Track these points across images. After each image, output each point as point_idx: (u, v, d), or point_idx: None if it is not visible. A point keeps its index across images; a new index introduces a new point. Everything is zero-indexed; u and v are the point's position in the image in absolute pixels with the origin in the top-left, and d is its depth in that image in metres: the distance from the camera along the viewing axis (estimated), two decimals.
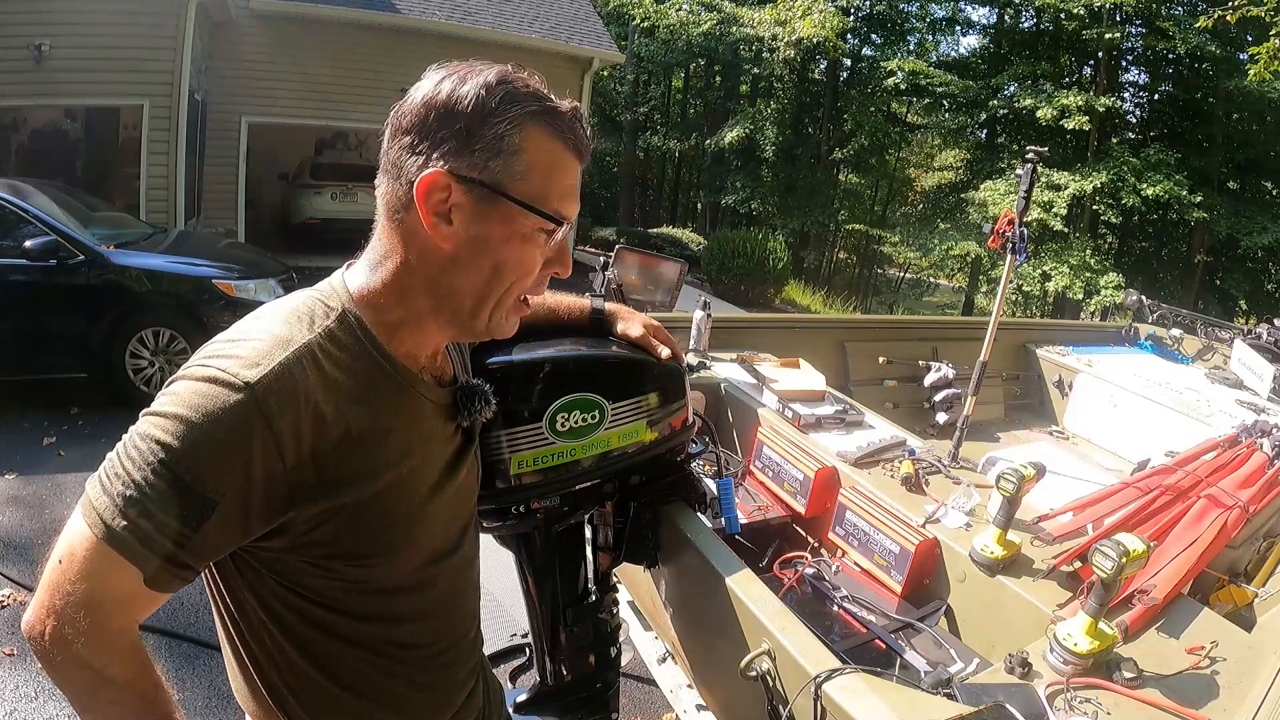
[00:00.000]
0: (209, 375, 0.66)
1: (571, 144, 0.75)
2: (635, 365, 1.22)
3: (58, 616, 0.65)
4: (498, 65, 0.74)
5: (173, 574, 0.67)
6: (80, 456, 3.84)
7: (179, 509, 0.64)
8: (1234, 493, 1.83)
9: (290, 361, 0.68)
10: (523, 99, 0.72)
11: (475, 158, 0.70)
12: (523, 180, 0.72)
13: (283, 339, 0.70)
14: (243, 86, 8.77)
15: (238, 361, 0.67)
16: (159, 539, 0.64)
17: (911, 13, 17.08)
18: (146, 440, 0.65)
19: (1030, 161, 2.10)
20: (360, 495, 0.73)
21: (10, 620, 2.59)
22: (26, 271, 4.10)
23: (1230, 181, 14.30)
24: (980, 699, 1.08)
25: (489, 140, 0.70)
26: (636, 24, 16.63)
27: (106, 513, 0.65)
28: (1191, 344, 4.14)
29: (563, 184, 0.75)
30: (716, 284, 11.19)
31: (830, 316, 7.40)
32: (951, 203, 16.49)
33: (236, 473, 0.65)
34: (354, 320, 0.74)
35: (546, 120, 0.73)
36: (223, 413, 0.64)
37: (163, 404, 0.67)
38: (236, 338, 0.71)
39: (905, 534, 1.66)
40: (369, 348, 0.74)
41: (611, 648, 1.40)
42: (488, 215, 0.72)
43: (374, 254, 0.77)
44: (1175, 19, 12.80)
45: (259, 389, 0.65)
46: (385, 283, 0.75)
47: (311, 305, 0.75)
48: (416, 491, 0.80)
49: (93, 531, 0.65)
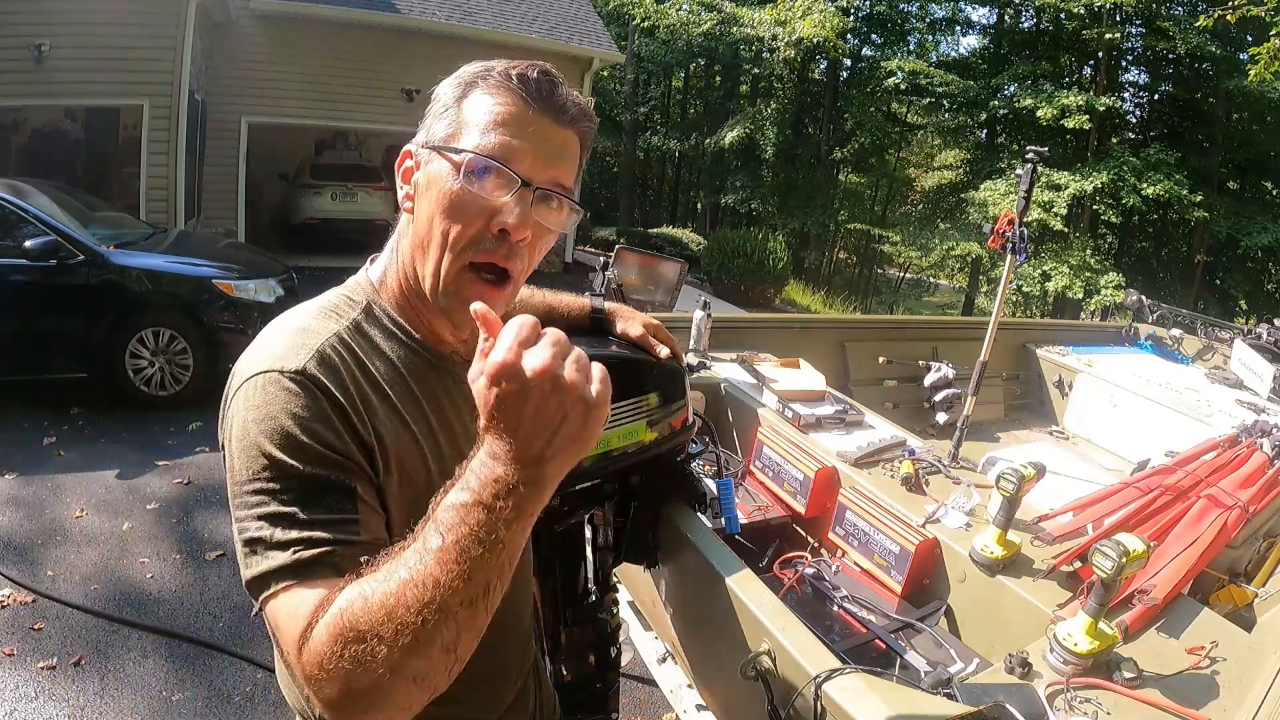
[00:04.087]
0: (262, 380, 0.68)
1: (514, 94, 0.73)
2: (635, 365, 1.21)
3: (311, 680, 0.57)
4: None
5: (374, 556, 0.61)
6: (80, 456, 3.84)
7: (326, 501, 0.64)
8: (1234, 493, 1.83)
9: (325, 347, 0.71)
10: (469, 70, 0.77)
11: (425, 124, 0.78)
12: (453, 130, 0.74)
13: (313, 331, 0.73)
14: (243, 86, 8.76)
15: (276, 357, 0.69)
16: (336, 534, 0.63)
17: (911, 13, 17.09)
18: (252, 469, 0.64)
19: (1030, 161, 2.10)
20: (416, 473, 0.74)
21: (10, 620, 2.59)
22: (26, 271, 4.10)
23: (1230, 181, 14.30)
24: (980, 699, 1.07)
25: (437, 113, 0.77)
26: (636, 24, 16.62)
27: (273, 554, 0.62)
28: (1191, 344, 4.14)
29: (490, 123, 0.73)
30: (716, 284, 11.19)
31: (830, 316, 7.39)
32: (951, 203, 16.49)
33: (339, 442, 0.67)
34: (379, 310, 0.79)
35: (481, 79, 0.75)
36: (293, 400, 0.66)
37: (240, 430, 0.66)
38: (269, 340, 0.73)
39: (905, 534, 1.66)
40: (395, 331, 0.78)
41: (611, 648, 1.40)
42: (426, 168, 0.76)
43: (388, 246, 0.83)
44: (1175, 19, 12.81)
45: (307, 371, 0.68)
46: (394, 269, 0.80)
47: (337, 302, 0.79)
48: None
49: (277, 583, 0.61)
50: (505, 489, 0.55)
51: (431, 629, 0.54)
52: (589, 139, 0.80)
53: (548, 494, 0.58)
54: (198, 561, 3.08)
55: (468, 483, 0.57)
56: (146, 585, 2.88)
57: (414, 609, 0.54)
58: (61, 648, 2.49)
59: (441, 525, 0.56)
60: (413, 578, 0.55)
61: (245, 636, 2.64)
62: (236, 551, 0.65)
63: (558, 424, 0.55)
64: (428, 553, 0.55)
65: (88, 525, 3.24)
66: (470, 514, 0.55)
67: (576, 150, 0.78)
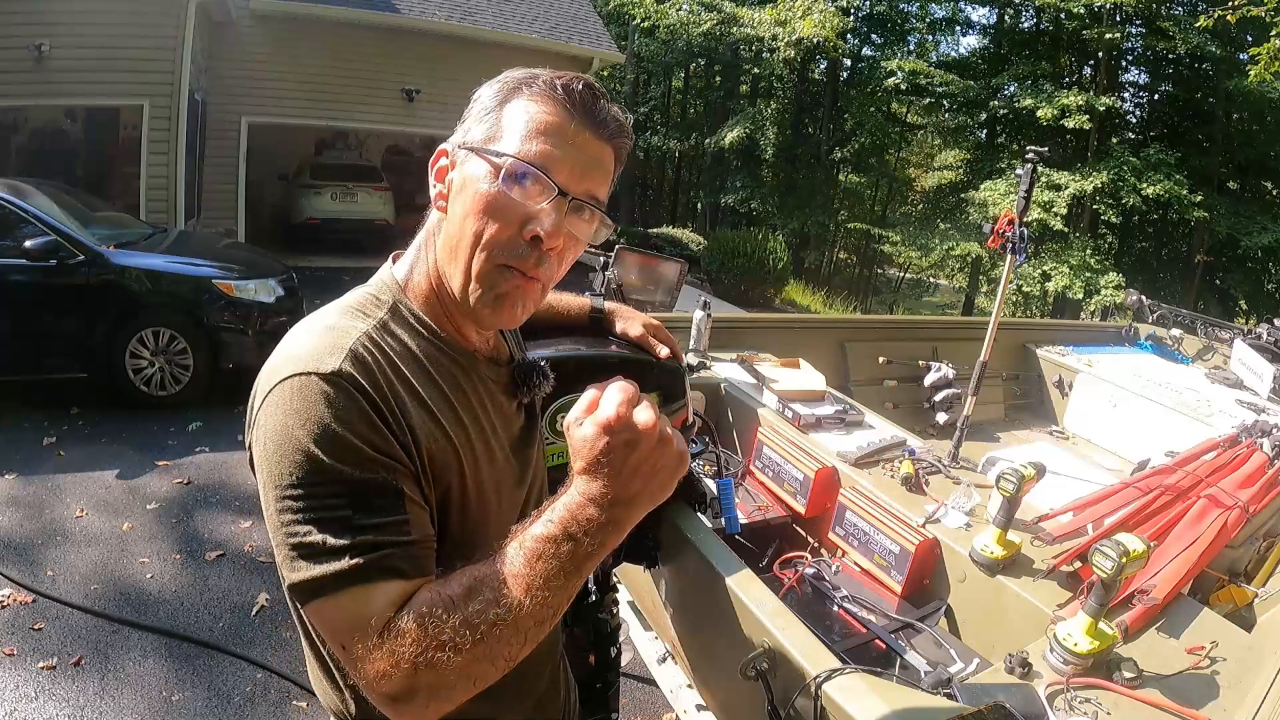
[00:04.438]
0: (299, 383, 0.67)
1: (558, 104, 0.74)
2: (635, 364, 1.22)
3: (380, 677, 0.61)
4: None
5: (423, 554, 0.67)
6: (80, 456, 3.84)
7: (377, 504, 0.65)
8: (1234, 493, 1.83)
9: (357, 346, 0.71)
10: (513, 77, 0.76)
11: (464, 126, 0.78)
12: (493, 133, 0.75)
13: (343, 330, 0.72)
14: (243, 86, 8.77)
15: (310, 359, 0.68)
16: (387, 537, 0.64)
17: (911, 13, 17.09)
18: (297, 474, 0.64)
19: (1030, 161, 2.10)
20: (447, 468, 0.74)
21: (10, 620, 2.59)
22: (26, 271, 4.09)
23: (1230, 181, 14.31)
24: (980, 699, 1.07)
25: (473, 111, 0.77)
26: (636, 24, 16.63)
27: (329, 561, 0.62)
28: (1191, 344, 4.14)
29: (532, 130, 0.73)
30: (716, 284, 11.19)
31: (830, 316, 7.40)
32: (951, 203, 16.49)
33: (383, 442, 0.66)
34: (405, 310, 0.78)
35: (525, 86, 0.75)
36: (333, 403, 0.66)
37: (280, 434, 0.65)
38: (299, 341, 0.72)
39: (905, 534, 1.65)
40: (422, 331, 0.78)
41: (611, 648, 1.40)
42: (463, 168, 0.76)
43: (414, 245, 0.82)
44: (1175, 19, 12.81)
45: (344, 373, 0.67)
46: (421, 269, 0.80)
47: (363, 301, 0.78)
48: (499, 469, 0.81)
49: (334, 590, 0.62)
50: (595, 527, 0.62)
51: (504, 644, 0.61)
52: (624, 155, 0.80)
53: (626, 532, 0.65)
54: (198, 561, 3.08)
55: (560, 518, 0.63)
56: (146, 585, 2.88)
57: (494, 624, 0.61)
58: (61, 648, 2.49)
59: (529, 554, 0.62)
60: (496, 598, 0.61)
61: (245, 636, 2.64)
62: (277, 554, 0.65)
63: (654, 473, 0.63)
64: (513, 577, 0.62)
65: (88, 525, 3.24)
66: (559, 547, 0.62)
67: (611, 164, 0.78)
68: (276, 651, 2.57)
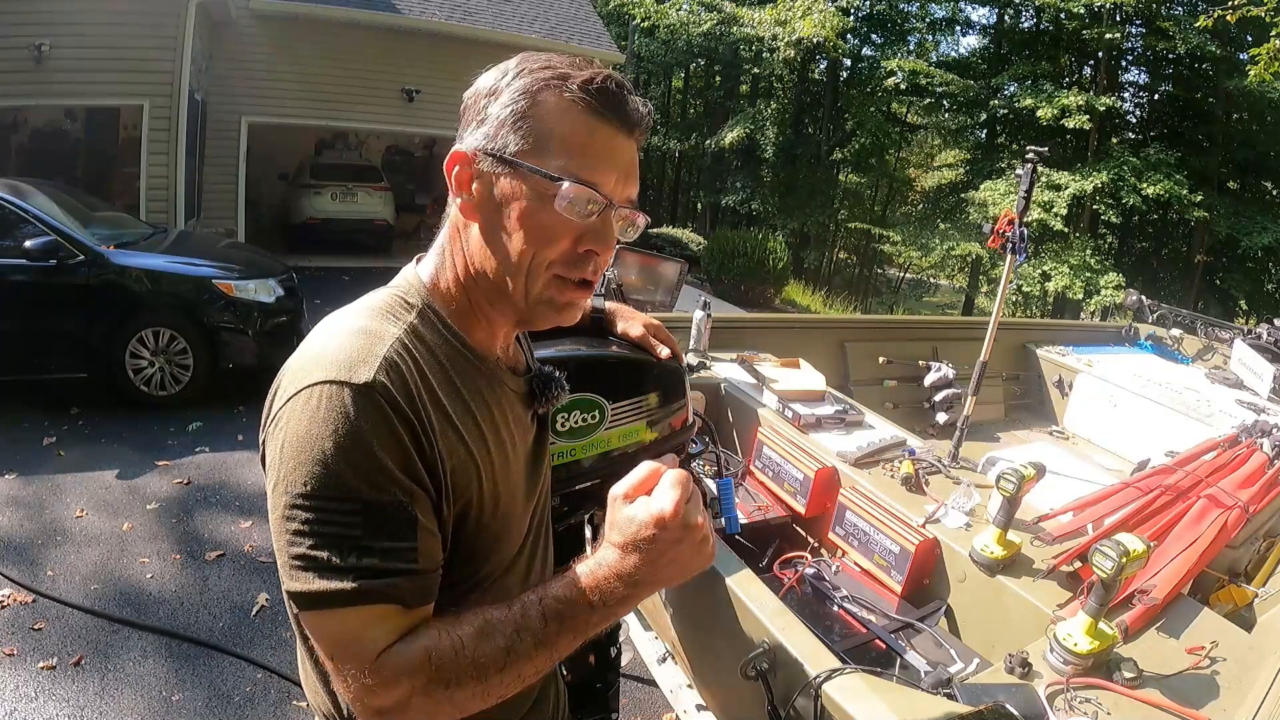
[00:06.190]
0: (328, 390, 0.64)
1: (598, 112, 0.71)
2: (635, 365, 1.22)
3: (371, 696, 0.62)
4: (532, 52, 0.76)
5: (427, 583, 0.67)
6: (80, 456, 3.84)
7: (389, 528, 0.63)
8: (1234, 493, 1.83)
9: (391, 355, 0.67)
10: (535, 71, 0.72)
11: (489, 128, 0.72)
12: (532, 144, 0.71)
13: (376, 334, 0.69)
14: (243, 86, 8.77)
15: (341, 365, 0.65)
16: (393, 564, 0.63)
17: (911, 13, 17.08)
18: (312, 485, 0.62)
19: (1030, 161, 2.10)
20: (467, 485, 0.73)
21: (10, 620, 2.59)
22: (26, 271, 4.09)
23: (1230, 181, 14.30)
24: (980, 699, 1.07)
25: (500, 114, 0.72)
26: (636, 24, 16.62)
27: (331, 579, 0.62)
28: (1191, 344, 4.14)
29: (577, 145, 0.71)
30: (716, 284, 11.20)
31: (830, 316, 7.40)
32: (951, 203, 16.49)
33: (407, 464, 0.65)
34: (433, 314, 0.75)
35: (557, 85, 0.71)
36: (363, 417, 0.63)
37: (299, 441, 0.63)
38: (327, 342, 0.69)
39: (905, 534, 1.66)
40: (451, 339, 0.75)
41: (611, 648, 1.40)
42: (499, 181, 0.72)
43: (436, 246, 0.79)
44: (1175, 19, 12.81)
45: (377, 385, 0.64)
46: (447, 273, 0.77)
47: (392, 302, 0.75)
48: (514, 482, 0.80)
49: (332, 606, 0.62)
50: (616, 600, 0.66)
51: (504, 686, 0.65)
52: (644, 140, 0.80)
53: (639, 602, 0.69)
54: (198, 561, 3.08)
55: (585, 585, 0.66)
56: (146, 585, 2.88)
57: (500, 670, 0.64)
58: (61, 648, 2.49)
59: (548, 611, 0.65)
60: (507, 646, 0.64)
61: (245, 636, 2.64)
62: (279, 557, 0.64)
63: (685, 568, 0.67)
64: (528, 631, 0.65)
65: (88, 525, 3.24)
66: (577, 610, 0.65)
67: (638, 157, 0.78)
68: (276, 652, 2.57)
